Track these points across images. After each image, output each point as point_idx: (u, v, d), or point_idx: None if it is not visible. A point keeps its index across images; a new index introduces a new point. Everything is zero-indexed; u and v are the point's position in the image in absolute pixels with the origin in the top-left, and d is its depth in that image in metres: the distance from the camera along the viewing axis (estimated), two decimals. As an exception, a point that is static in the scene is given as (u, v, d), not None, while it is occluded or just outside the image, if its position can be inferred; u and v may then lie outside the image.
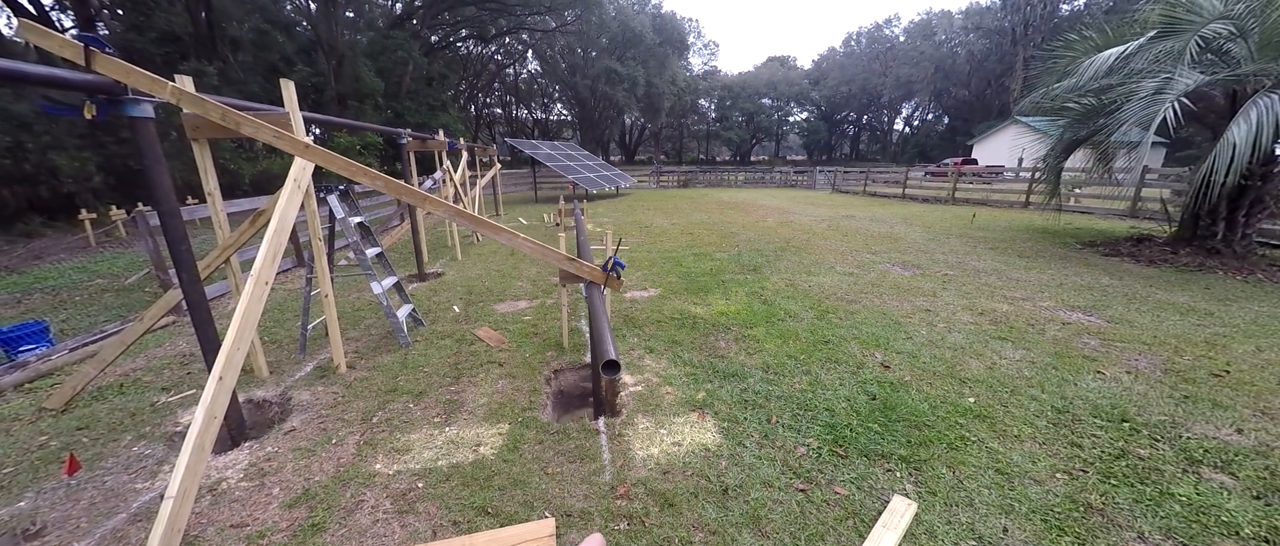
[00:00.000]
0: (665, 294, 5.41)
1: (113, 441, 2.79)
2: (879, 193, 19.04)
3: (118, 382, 3.54)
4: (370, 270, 3.93)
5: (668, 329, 4.29)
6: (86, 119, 2.17)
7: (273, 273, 2.66)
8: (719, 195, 19.79)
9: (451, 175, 7.51)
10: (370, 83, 20.58)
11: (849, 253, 7.69)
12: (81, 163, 12.12)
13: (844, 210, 13.94)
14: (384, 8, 27.85)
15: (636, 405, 3.00)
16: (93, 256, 8.99)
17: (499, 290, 5.76)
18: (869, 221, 11.37)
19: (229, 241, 3.16)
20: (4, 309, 5.88)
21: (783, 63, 66.28)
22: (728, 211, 13.72)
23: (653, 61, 39.26)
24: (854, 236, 9.25)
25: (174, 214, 2.49)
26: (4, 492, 2.39)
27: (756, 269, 6.56)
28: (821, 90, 60.42)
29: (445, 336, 4.24)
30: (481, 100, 43.14)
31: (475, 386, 3.32)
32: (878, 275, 6.25)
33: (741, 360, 3.63)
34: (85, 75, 2.12)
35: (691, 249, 8.07)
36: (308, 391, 3.31)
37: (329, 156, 2.52)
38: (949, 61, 50.34)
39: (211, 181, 3.08)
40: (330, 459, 2.55)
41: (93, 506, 2.27)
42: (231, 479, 2.42)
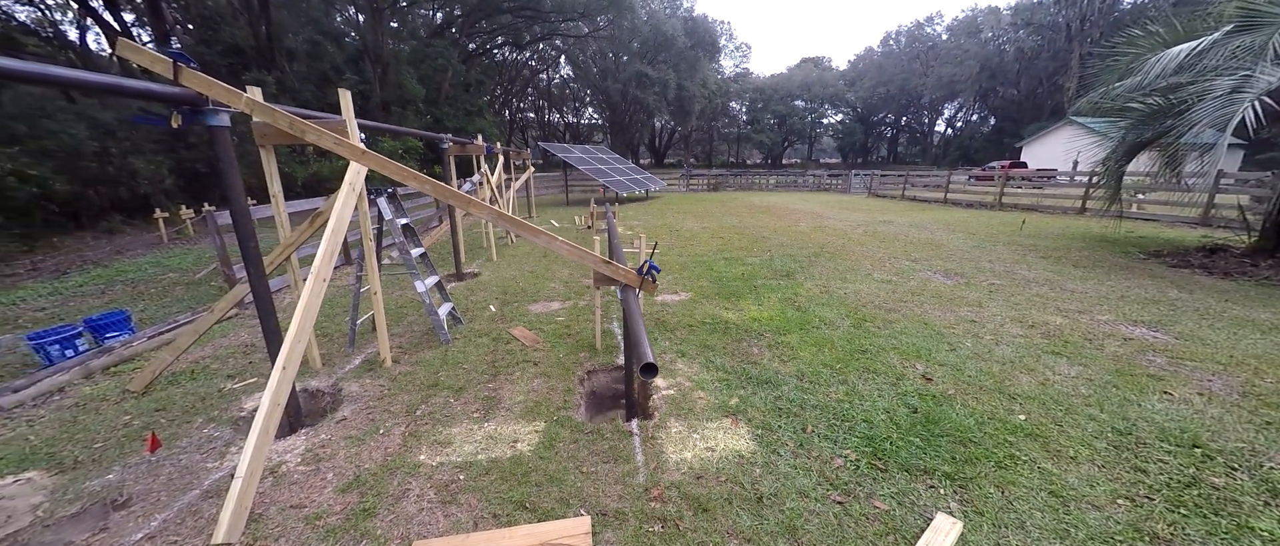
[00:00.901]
0: (697, 298, 5.41)
1: (186, 423, 3.04)
2: (919, 197, 18.34)
3: (190, 369, 3.84)
4: (414, 269, 4.12)
5: (700, 333, 4.28)
6: (172, 127, 2.38)
7: (330, 270, 2.83)
8: (750, 199, 19.56)
9: (488, 179, 7.75)
10: (412, 89, 21.48)
11: (887, 259, 7.45)
12: (156, 166, 13.20)
13: (881, 215, 13.50)
14: (426, 18, 29.06)
15: (669, 409, 3.01)
16: (165, 252, 9.77)
17: (533, 291, 5.90)
18: (908, 227, 10.97)
19: (290, 240, 3.38)
20: (91, 299, 6.48)
21: (817, 64, 64.85)
22: (759, 215, 13.55)
23: (684, 65, 39.25)
24: (892, 242, 8.95)
25: (244, 214, 2.69)
26: (96, 465, 2.64)
27: (789, 274, 6.45)
28: (857, 91, 58.73)
29: (483, 335, 4.38)
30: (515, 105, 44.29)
31: (512, 384, 3.42)
32: (918, 283, 6.03)
33: (775, 367, 3.59)
34: (173, 88, 2.33)
35: (722, 253, 8.01)
36: (357, 383, 3.49)
37: (384, 162, 2.67)
38: (996, 60, 47.96)
39: (276, 184, 3.31)
40: (378, 448, 2.68)
41: (170, 482, 2.47)
42: (290, 462, 2.58)
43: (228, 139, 2.57)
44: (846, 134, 61.84)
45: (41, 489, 2.46)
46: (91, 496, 2.38)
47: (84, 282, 7.28)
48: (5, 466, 2.63)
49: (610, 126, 46.74)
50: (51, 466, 2.63)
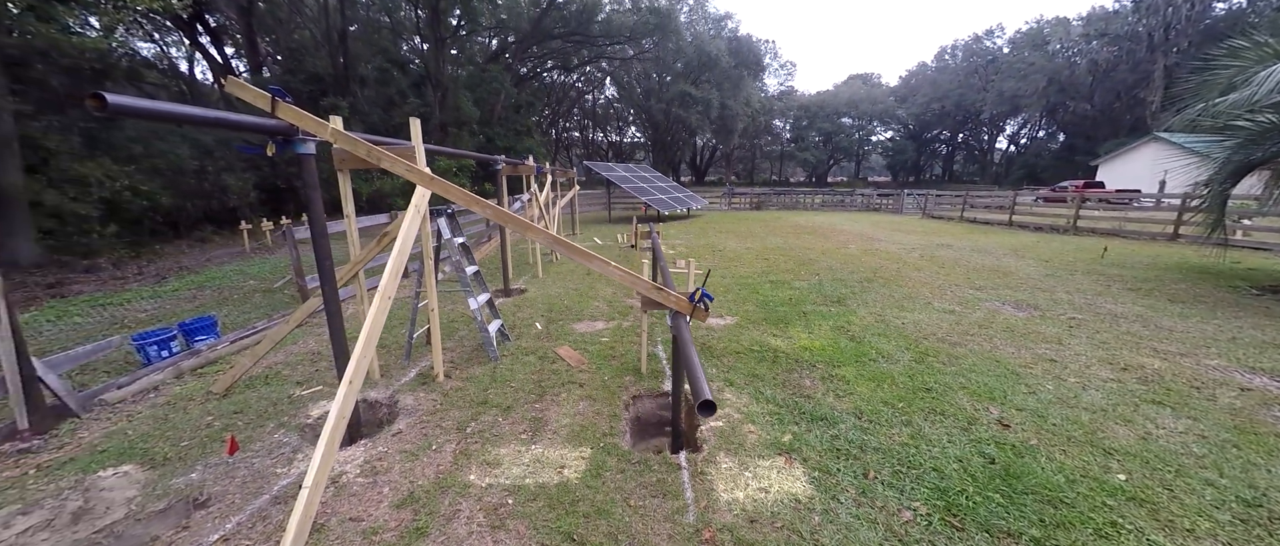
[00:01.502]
0: (743, 323, 5.26)
1: (259, 427, 3.24)
2: (980, 219, 17.22)
3: (264, 374, 4.13)
4: (468, 287, 4.26)
5: (747, 361, 4.15)
6: (267, 155, 2.60)
7: (395, 287, 2.97)
8: (794, 219, 19.09)
9: (537, 198, 7.99)
10: (468, 111, 22.75)
11: (947, 287, 6.98)
12: (243, 183, 14.62)
13: (938, 238, 12.76)
14: (483, 45, 30.88)
15: (718, 442, 2.91)
16: (247, 260, 10.71)
17: (577, 309, 5.96)
18: (970, 251, 10.28)
19: (360, 257, 3.59)
20: (184, 302, 7.17)
21: (865, 80, 63.19)
22: (805, 236, 13.16)
23: (727, 84, 39.33)
24: (952, 268, 8.40)
25: (323, 234, 2.89)
26: (182, 462, 2.85)
27: (840, 301, 6.17)
28: (909, 108, 56.55)
29: (529, 353, 4.44)
30: (561, 125, 45.88)
31: (558, 406, 3.42)
32: (985, 315, 5.60)
33: (830, 402, 3.39)
34: (269, 120, 2.55)
35: (768, 275, 7.81)
36: (411, 396, 3.62)
37: (449, 188, 2.80)
38: (1065, 73, 44.82)
39: (349, 205, 3.54)
40: (431, 464, 2.74)
41: (244, 485, 2.63)
42: (350, 473, 2.69)
43: (313, 165, 2.78)
44: (897, 151, 59.49)
45: (135, 482, 2.68)
46: (176, 493, 2.56)
47: (179, 287, 8.08)
48: (107, 458, 2.90)
49: (652, 145, 47.38)
50: (144, 461, 2.87)
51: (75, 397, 3.45)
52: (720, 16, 43.97)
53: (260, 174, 15.68)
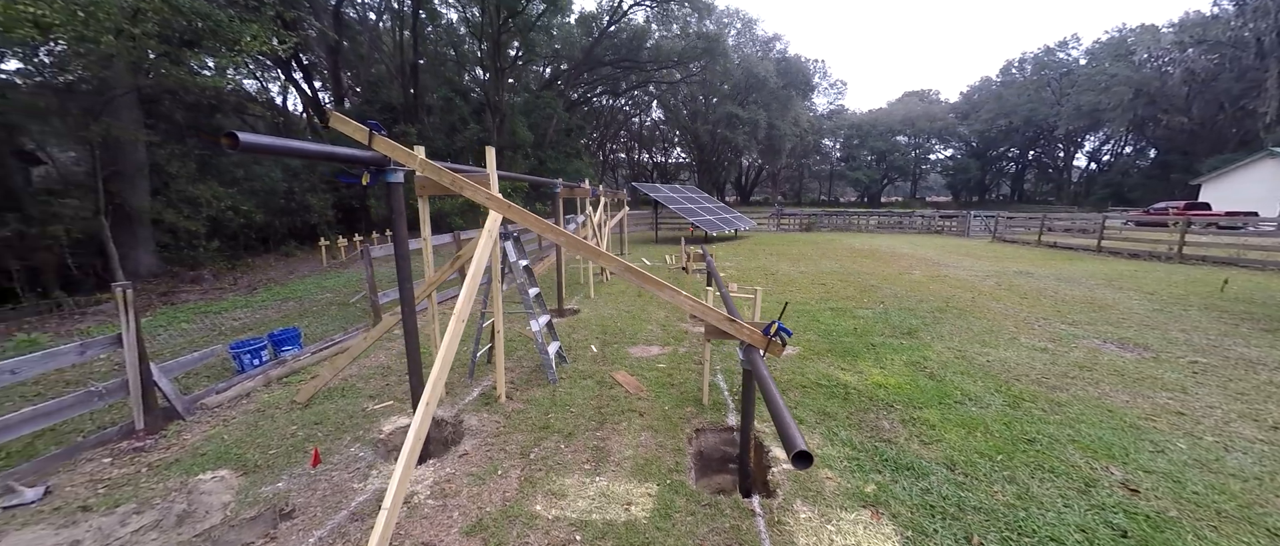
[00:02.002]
0: (805, 354, 5.00)
1: (337, 440, 3.39)
2: (1062, 243, 15.73)
3: (340, 386, 4.35)
4: (531, 308, 4.33)
5: (816, 397, 3.90)
6: (362, 185, 2.77)
7: (469, 309, 3.05)
8: (849, 241, 18.30)
9: (592, 220, 8.13)
10: (523, 136, 23.86)
11: (1034, 321, 6.34)
12: (323, 203, 15.98)
13: (1014, 264, 11.74)
14: (537, 73, 32.53)
15: (793, 487, 2.71)
16: (324, 275, 11.58)
17: (631, 332, 5.91)
18: (1054, 281, 9.36)
19: (434, 278, 3.74)
20: (271, 312, 7.80)
21: (922, 97, 60.57)
22: (861, 260, 12.54)
23: (775, 104, 38.99)
24: (1037, 300, 7.65)
25: (406, 257, 3.02)
26: (269, 471, 3.02)
27: (912, 332, 5.74)
28: (972, 124, 53.45)
29: (586, 377, 4.42)
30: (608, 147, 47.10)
31: (619, 435, 3.34)
32: (1084, 354, 5.00)
33: (915, 449, 3.10)
34: (366, 152, 2.72)
35: (827, 303, 7.44)
36: (475, 417, 3.67)
37: (523, 214, 2.86)
38: (1155, 84, 40.82)
39: (427, 229, 3.71)
40: (497, 490, 2.73)
41: (325, 499, 2.73)
42: (421, 494, 2.72)
43: (401, 193, 2.93)
44: (959, 170, 56.14)
45: (230, 488, 2.85)
46: (265, 502, 2.70)
47: (267, 298, 8.84)
48: (206, 462, 3.12)
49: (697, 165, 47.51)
50: (237, 466, 3.06)
51: (182, 401, 3.78)
52: (768, 38, 44.01)
53: (338, 195, 17.11)
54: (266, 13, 9.24)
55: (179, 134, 11.52)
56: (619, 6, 28.43)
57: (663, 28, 31.96)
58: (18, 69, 8.28)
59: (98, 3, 6.21)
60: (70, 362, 3.21)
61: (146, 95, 9.75)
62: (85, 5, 6.27)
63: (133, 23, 6.76)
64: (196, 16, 7.33)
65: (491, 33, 22.88)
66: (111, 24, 6.38)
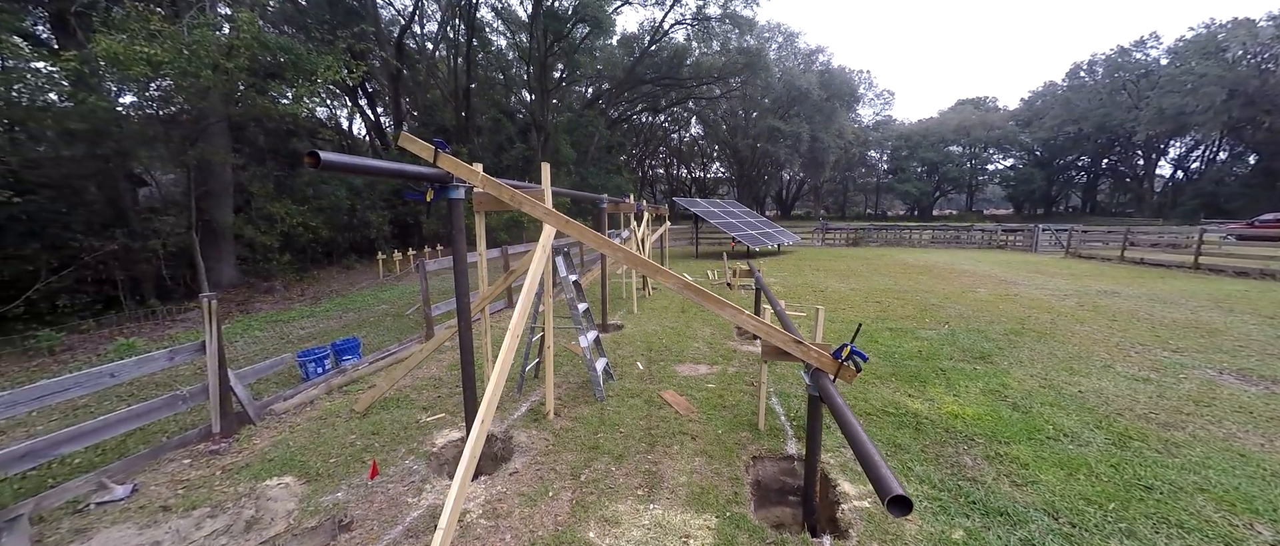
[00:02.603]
0: (867, 378, 4.65)
1: (393, 451, 3.43)
2: (1150, 259, 14.18)
3: (395, 397, 4.46)
4: (580, 324, 4.29)
5: (883, 427, 3.59)
6: (426, 201, 2.83)
7: (523, 324, 3.02)
8: (901, 256, 17.34)
9: (636, 234, 8.10)
10: (566, 153, 24.53)
11: (1129, 346, 5.66)
12: (381, 219, 16.95)
13: (1096, 282, 10.66)
14: (581, 94, 33.52)
15: (867, 529, 2.45)
16: (381, 287, 12.20)
17: (676, 350, 5.76)
18: (1146, 301, 8.38)
19: (488, 292, 3.78)
20: (332, 322, 8.24)
21: (977, 105, 57.40)
22: (917, 277, 11.79)
23: (818, 117, 38.11)
24: (1130, 322, 6.85)
25: (464, 273, 3.05)
26: (330, 480, 3.08)
27: (986, 357, 5.25)
28: (1035, 132, 49.92)
29: (634, 395, 4.30)
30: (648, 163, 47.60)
31: (672, 460, 3.19)
32: (1197, 387, 4.37)
33: (1007, 492, 2.75)
34: (431, 169, 2.78)
35: (884, 322, 6.99)
36: (524, 433, 3.63)
37: (583, 230, 2.83)
38: (1253, 82, 36.62)
39: (482, 244, 3.77)
40: (548, 513, 2.64)
41: (381, 512, 2.74)
42: (473, 513, 2.68)
43: (461, 210, 2.98)
44: (1021, 180, 52.39)
45: (294, 495, 2.93)
46: (325, 512, 2.74)
47: (330, 309, 9.37)
48: (273, 468, 3.23)
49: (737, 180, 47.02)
50: (301, 474, 3.15)
51: (253, 407, 3.98)
52: (811, 51, 43.29)
53: (395, 211, 18.12)
54: (339, 46, 10.06)
55: (261, 157, 12.63)
56: (660, 26, 28.94)
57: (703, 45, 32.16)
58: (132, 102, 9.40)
59: (200, 42, 6.95)
60: (160, 367, 3.45)
61: (235, 123, 10.76)
62: (189, 44, 7.03)
63: (227, 58, 7.49)
64: (281, 51, 8.05)
65: (538, 56, 23.83)
66: (210, 60, 7.10)
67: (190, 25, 7.21)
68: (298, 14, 15.36)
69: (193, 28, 7.09)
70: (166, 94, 9.44)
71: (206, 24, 7.25)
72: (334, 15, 15.12)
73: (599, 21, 23.21)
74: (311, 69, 8.39)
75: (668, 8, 27.62)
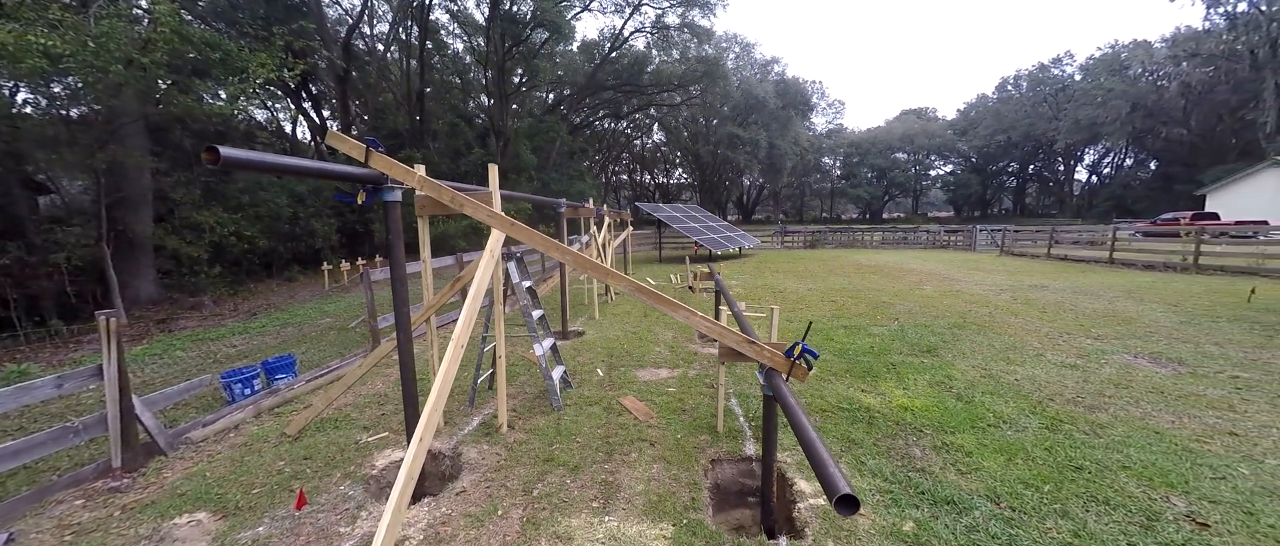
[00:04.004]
0: (823, 374, 4.76)
1: (326, 477, 3.16)
2: (1073, 256, 15.48)
3: (334, 417, 4.13)
4: (535, 331, 4.14)
5: (838, 422, 3.65)
6: (358, 203, 2.63)
7: (468, 335, 2.86)
8: (855, 257, 18.11)
9: (596, 239, 8.00)
10: (526, 159, 24.06)
11: (1058, 336, 6.09)
12: (328, 227, 15.99)
13: (1027, 278, 11.50)
14: (541, 99, 33.10)
15: (822, 526, 2.46)
16: (325, 299, 11.45)
17: (638, 354, 5.69)
18: (1071, 294, 9.10)
19: (433, 302, 3.57)
20: (268, 339, 7.63)
21: (919, 115, 61.25)
22: (870, 276, 12.32)
23: (775, 125, 39.40)
24: (1057, 313, 7.39)
25: (402, 280, 2.86)
26: (252, 513, 2.78)
27: (932, 351, 5.50)
28: (971, 141, 53.83)
29: (593, 403, 4.19)
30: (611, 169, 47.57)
31: (629, 467, 3.10)
32: (1117, 371, 4.74)
33: (952, 480, 2.84)
34: (363, 169, 2.59)
35: (839, 320, 7.21)
36: (474, 449, 3.44)
37: (530, 232, 2.71)
38: (1151, 97, 41.15)
39: (427, 250, 3.57)
40: (496, 534, 2.49)
41: (308, 544, 2.49)
42: (413, 540, 2.48)
43: (398, 213, 2.79)
44: (960, 185, 56.27)
45: (207, 533, 2.62)
46: (245, 549, 2.46)
47: (267, 324, 8.68)
48: (185, 503, 2.89)
49: (700, 185, 47.80)
50: (217, 509, 2.83)
51: (165, 436, 3.57)
52: (767, 61, 44.82)
53: (342, 220, 17.15)
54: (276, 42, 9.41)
55: (187, 161, 11.61)
56: (620, 34, 29.08)
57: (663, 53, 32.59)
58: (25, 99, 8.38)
59: (108, 33, 6.29)
60: (46, 396, 3.03)
61: (155, 124, 9.84)
62: (96, 36, 6.35)
63: (143, 52, 6.82)
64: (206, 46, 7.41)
65: (496, 61, 23.34)
66: (121, 54, 6.44)
67: (97, 16, 6.50)
68: (230, 8, 14.31)
69: (100, 19, 6.40)
70: (75, 91, 8.51)
71: (117, 15, 6.57)
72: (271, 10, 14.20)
73: (558, 27, 23.03)
74: (242, 67, 7.77)
75: (628, 16, 27.82)
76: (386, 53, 25.48)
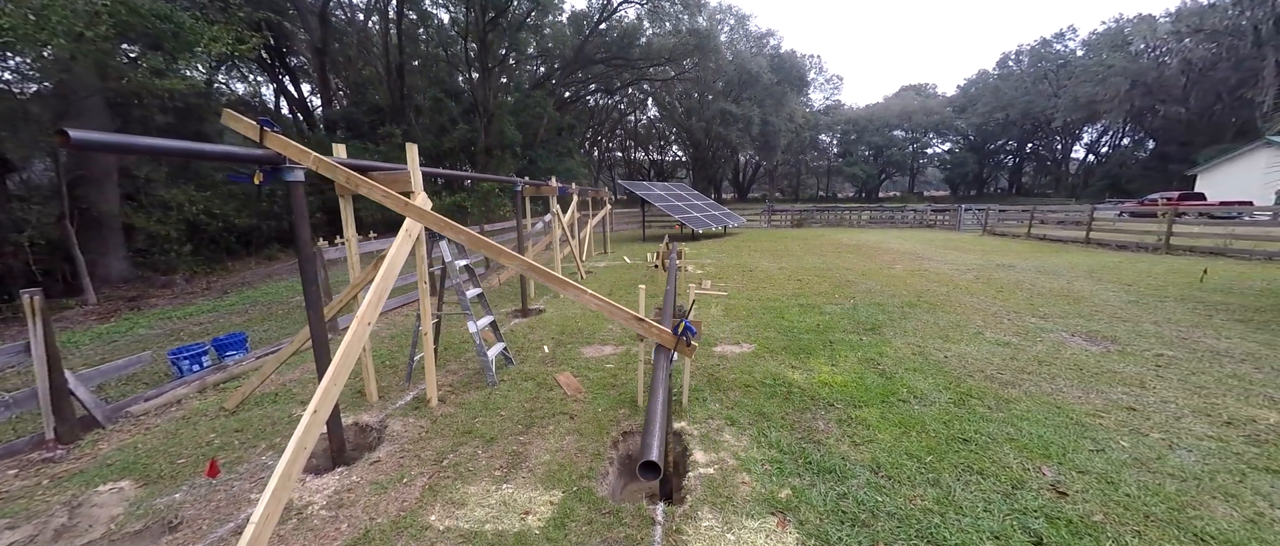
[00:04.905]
0: (760, 352, 4.87)
1: (252, 448, 3.28)
2: (1051, 236, 15.56)
3: (275, 392, 4.25)
4: (468, 309, 4.22)
5: (757, 397, 3.78)
6: (255, 183, 2.66)
7: (376, 314, 2.93)
8: (837, 236, 18.14)
9: (560, 218, 8.01)
10: (511, 135, 23.73)
11: (1005, 314, 6.21)
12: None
13: (999, 257, 11.59)
14: (531, 72, 32.38)
15: (704, 492, 2.59)
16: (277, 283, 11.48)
17: (589, 332, 5.80)
18: (1035, 273, 9.21)
19: (357, 281, 3.63)
20: (235, 316, 7.71)
21: (918, 91, 60.28)
22: (846, 255, 12.39)
23: (769, 100, 38.78)
24: (1012, 292, 7.51)
25: (310, 260, 2.91)
26: (172, 482, 2.91)
27: (875, 328, 5.61)
28: (969, 118, 53.12)
29: (528, 379, 4.31)
30: (604, 145, 46.95)
31: (542, 439, 3.23)
32: (1048, 348, 4.87)
33: (843, 450, 2.97)
34: (258, 150, 2.61)
35: (798, 299, 7.31)
36: (401, 421, 3.56)
37: (423, 214, 2.74)
38: (1151, 74, 40.47)
39: (350, 230, 3.61)
40: (396, 500, 2.62)
41: (217, 510, 2.62)
42: (317, 504, 2.61)
43: (301, 193, 2.82)
44: (956, 164, 55.84)
45: (125, 499, 2.75)
46: (155, 514, 2.59)
47: (236, 302, 8.75)
48: (111, 473, 3.02)
49: (693, 163, 47.34)
50: (140, 477, 2.96)
51: (103, 409, 3.68)
52: (761, 34, 43.72)
53: (324, 197, 17.00)
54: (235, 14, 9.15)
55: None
56: (609, 4, 28.26)
57: (655, 25, 31.76)
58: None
59: (49, 6, 6.13)
60: (-30, 372, 3.11)
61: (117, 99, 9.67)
62: (37, 9, 6.19)
63: (88, 26, 6.66)
64: (155, 19, 7.23)
65: (477, 32, 22.73)
66: (64, 27, 6.29)
67: (35, -14, 6.32)
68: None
69: (40, -11, 6.23)
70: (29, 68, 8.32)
71: (58, -15, 6.38)
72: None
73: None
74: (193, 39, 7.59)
75: (616, -15, 26.99)
76: (367, 23, 24.79)
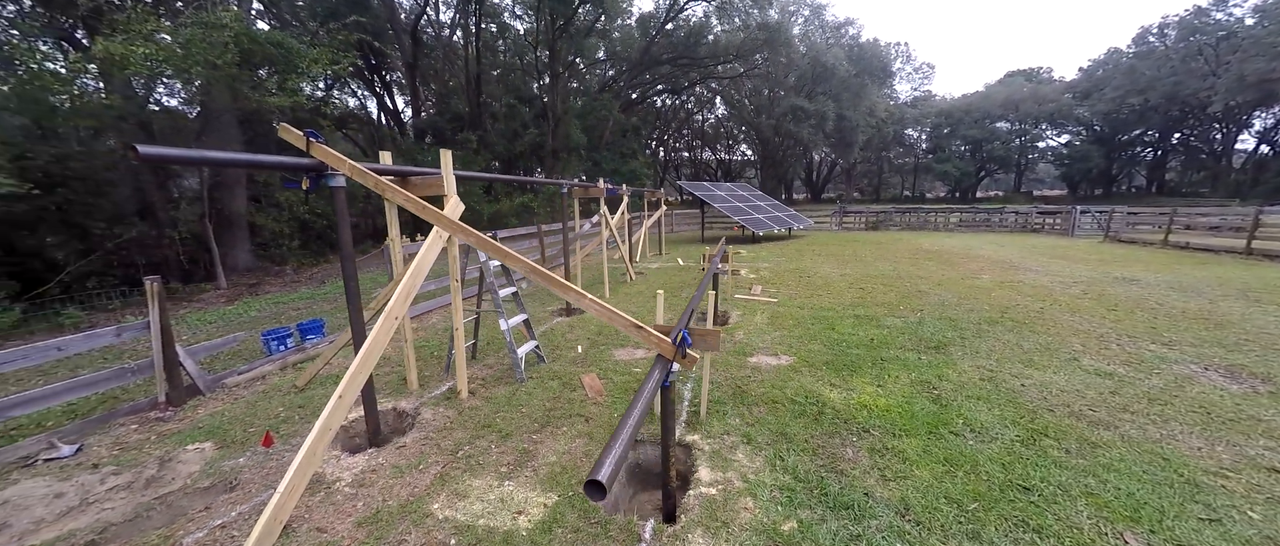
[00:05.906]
0: (799, 365, 4.55)
1: (308, 423, 3.68)
2: (1197, 244, 12.88)
3: (339, 374, 4.73)
4: (501, 307, 4.40)
5: (782, 414, 3.52)
6: (303, 189, 2.97)
7: (404, 309, 3.15)
8: (918, 241, 16.50)
9: (607, 219, 8.11)
10: (577, 138, 24.55)
11: (1114, 338, 5.23)
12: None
13: (1119, 268, 9.82)
14: (599, 76, 33.27)
15: (702, 514, 2.45)
16: (382, 271, 12.78)
17: (625, 335, 5.78)
18: (1165, 289, 7.67)
19: (397, 279, 3.92)
20: (327, 303, 8.74)
21: (1029, 76, 52.97)
22: (924, 262, 11.22)
23: (846, 94, 36.28)
24: (1130, 312, 6.31)
25: (350, 259, 3.19)
26: (241, 447, 3.35)
27: (940, 347, 5.00)
28: (1095, 105, 45.60)
29: (556, 377, 4.39)
30: (670, 145, 46.92)
31: (554, 440, 3.27)
32: (1167, 382, 4.02)
33: (868, 484, 2.66)
34: (305, 159, 2.91)
35: (856, 308, 6.74)
36: (432, 410, 3.80)
37: (451, 223, 2.91)
38: (1364, 42, 31.91)
39: (394, 230, 3.91)
40: (409, 485, 2.79)
41: (267, 477, 2.97)
42: (344, 481, 2.86)
43: (343, 197, 3.10)
44: (1077, 159, 48.23)
45: (204, 459, 3.21)
46: (221, 475, 2.99)
47: (330, 291, 9.94)
48: (199, 435, 3.54)
49: (762, 162, 45.70)
50: (219, 440, 3.44)
51: (205, 379, 4.34)
52: (839, 23, 41.03)
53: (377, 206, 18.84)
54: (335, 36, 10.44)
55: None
56: (677, 3, 28.15)
57: (723, 21, 31.07)
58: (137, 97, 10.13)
59: (190, 41, 7.40)
60: (107, 342, 3.82)
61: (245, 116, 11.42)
62: (182, 43, 7.50)
63: (219, 56, 7.95)
64: (271, 45, 8.46)
65: (547, 40, 23.78)
66: (201, 57, 7.57)
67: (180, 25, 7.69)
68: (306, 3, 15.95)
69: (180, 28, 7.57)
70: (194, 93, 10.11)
71: (198, 22, 7.70)
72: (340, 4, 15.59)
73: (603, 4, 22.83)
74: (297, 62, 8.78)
75: (684, -16, 26.82)
76: (452, 38, 26.96)
